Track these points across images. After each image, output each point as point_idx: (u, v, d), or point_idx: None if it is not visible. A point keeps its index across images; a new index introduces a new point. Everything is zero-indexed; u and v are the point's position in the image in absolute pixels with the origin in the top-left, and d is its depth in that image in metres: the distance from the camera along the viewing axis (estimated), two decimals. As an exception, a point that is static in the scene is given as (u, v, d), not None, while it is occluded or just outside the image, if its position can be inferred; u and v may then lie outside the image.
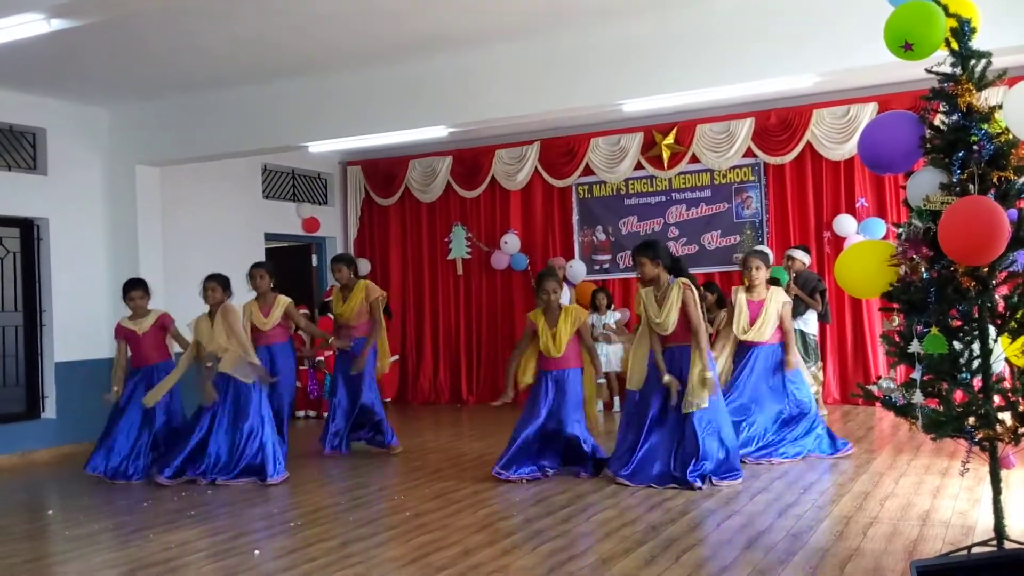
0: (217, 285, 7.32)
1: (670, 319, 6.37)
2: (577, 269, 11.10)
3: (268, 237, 11.60)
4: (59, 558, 5.25)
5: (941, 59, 4.02)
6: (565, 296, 8.93)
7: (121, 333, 7.61)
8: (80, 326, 8.91)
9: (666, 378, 6.39)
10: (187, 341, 7.57)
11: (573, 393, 6.81)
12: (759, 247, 9.62)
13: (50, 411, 9.13)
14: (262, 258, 11.21)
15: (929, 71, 4.06)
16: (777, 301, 7.31)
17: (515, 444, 6.77)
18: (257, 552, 5.11)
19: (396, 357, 11.76)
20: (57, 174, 9.22)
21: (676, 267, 6.56)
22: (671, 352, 6.50)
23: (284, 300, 7.95)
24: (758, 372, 7.30)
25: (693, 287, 6.43)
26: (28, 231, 9.10)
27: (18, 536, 5.78)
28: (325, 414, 10.91)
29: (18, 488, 7.64)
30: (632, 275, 7.78)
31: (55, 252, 9.15)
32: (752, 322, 7.28)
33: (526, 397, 7.10)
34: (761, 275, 7.30)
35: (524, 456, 6.80)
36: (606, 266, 11.27)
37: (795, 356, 7.37)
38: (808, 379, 7.59)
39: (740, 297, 7.35)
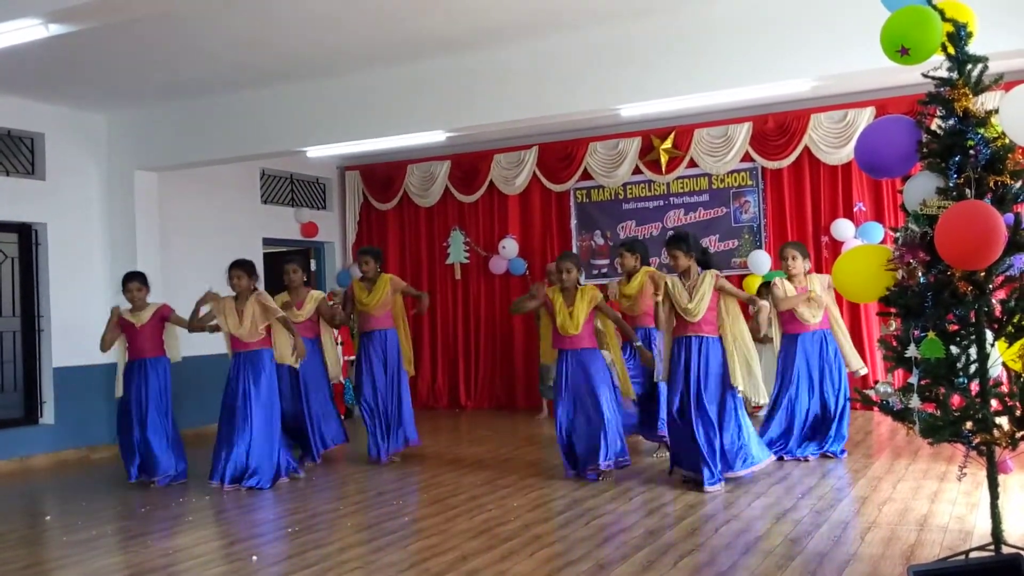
0: (242, 272, 7.29)
1: (701, 307, 6.49)
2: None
3: (267, 242, 11.59)
4: (57, 564, 5.25)
5: (938, 64, 4.03)
6: None
7: (119, 321, 7.59)
8: (79, 331, 8.88)
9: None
10: (185, 323, 7.55)
11: (598, 372, 6.88)
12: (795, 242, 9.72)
13: (48, 417, 9.12)
14: (260, 263, 11.23)
15: (926, 76, 4.06)
16: (821, 283, 7.37)
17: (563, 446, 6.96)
18: (255, 558, 5.10)
19: None
20: (55, 179, 9.22)
21: (705, 259, 6.70)
22: (690, 340, 6.55)
23: (317, 295, 8.16)
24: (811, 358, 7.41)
25: (723, 278, 6.61)
26: (26, 236, 9.09)
27: (15, 542, 5.77)
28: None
29: (16, 494, 7.63)
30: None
31: (53, 257, 9.15)
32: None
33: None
34: (798, 264, 7.39)
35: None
36: (604, 270, 11.27)
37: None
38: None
39: (788, 286, 7.42)
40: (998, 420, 3.88)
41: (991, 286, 3.90)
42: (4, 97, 8.71)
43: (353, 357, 9.03)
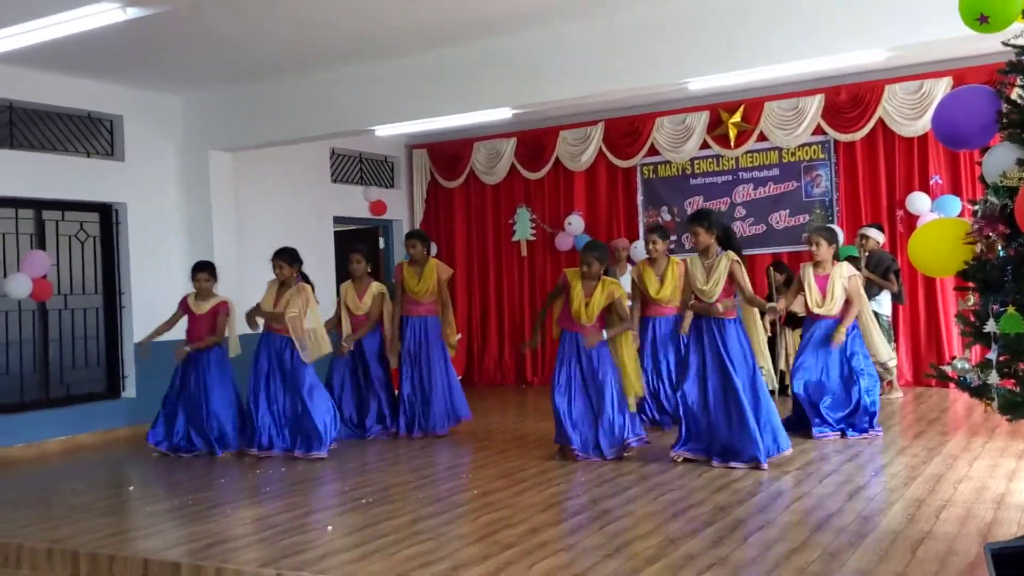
0: (283, 262, 7.52)
1: (717, 289, 6.41)
2: (641, 250, 11.03)
3: (336, 220, 11.77)
4: (140, 533, 5.44)
5: (1019, 31, 3.92)
6: (626, 280, 8.88)
7: (182, 306, 7.97)
8: (158, 307, 9.10)
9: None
10: (233, 331, 7.89)
11: (601, 360, 6.86)
12: (825, 225, 9.57)
13: (130, 390, 9.44)
14: (331, 241, 11.45)
15: (1006, 44, 3.96)
16: (842, 276, 7.36)
17: (559, 415, 6.95)
18: (330, 528, 5.23)
19: (459, 336, 11.85)
20: (134, 160, 9.48)
21: (728, 239, 6.58)
22: (704, 322, 6.52)
23: (378, 288, 8.31)
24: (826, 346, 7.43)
25: (741, 262, 6.46)
26: (107, 216, 9.38)
27: (100, 512, 5.98)
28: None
29: (100, 465, 7.91)
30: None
31: (133, 236, 9.43)
32: (823, 297, 7.36)
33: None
34: (821, 251, 7.36)
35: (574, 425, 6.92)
36: (671, 247, 11.16)
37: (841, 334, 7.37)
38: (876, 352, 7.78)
39: (808, 272, 7.46)
40: (1081, 397, 3.79)
41: (1074, 259, 3.80)
42: (84, 80, 8.97)
43: None
